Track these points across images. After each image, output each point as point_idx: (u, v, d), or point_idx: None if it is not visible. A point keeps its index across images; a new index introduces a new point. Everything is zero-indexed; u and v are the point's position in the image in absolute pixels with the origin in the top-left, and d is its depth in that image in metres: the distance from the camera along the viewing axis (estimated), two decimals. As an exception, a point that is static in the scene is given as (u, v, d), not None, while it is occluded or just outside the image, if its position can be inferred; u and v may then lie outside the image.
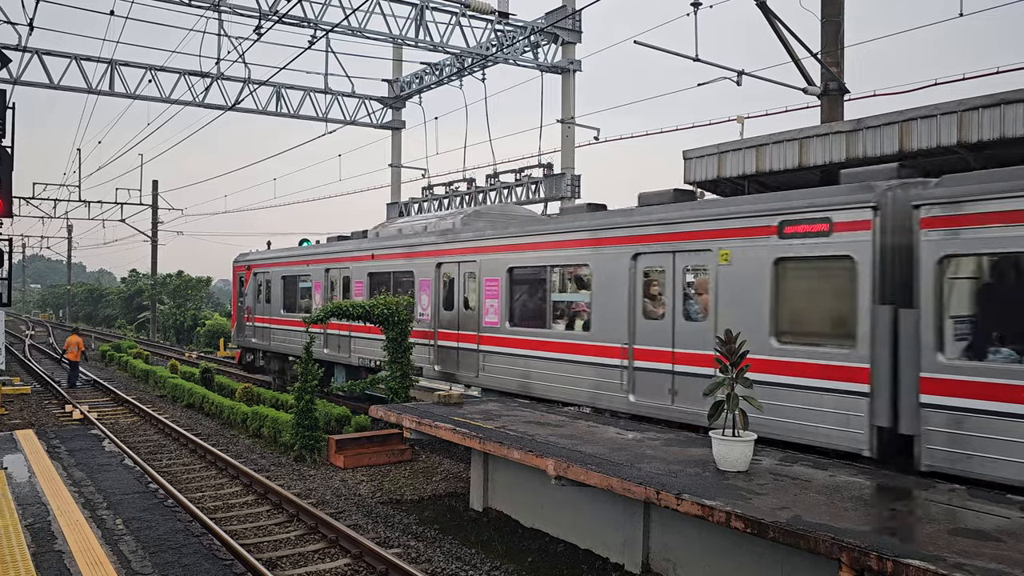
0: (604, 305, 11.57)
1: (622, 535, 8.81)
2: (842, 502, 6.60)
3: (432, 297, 15.52)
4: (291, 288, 21.53)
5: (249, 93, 26.58)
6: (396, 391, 15.31)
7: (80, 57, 24.71)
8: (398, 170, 31.73)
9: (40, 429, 15.88)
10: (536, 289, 13.30)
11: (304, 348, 14.80)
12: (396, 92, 30.36)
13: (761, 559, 7.26)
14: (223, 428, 18.18)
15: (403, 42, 24.02)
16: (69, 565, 7.34)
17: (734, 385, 7.48)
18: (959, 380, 7.46)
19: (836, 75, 14.04)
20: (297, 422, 14.65)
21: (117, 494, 10.40)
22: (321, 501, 11.80)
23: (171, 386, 23.18)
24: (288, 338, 21.22)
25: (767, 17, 14.37)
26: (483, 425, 10.29)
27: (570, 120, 24.33)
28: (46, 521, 8.65)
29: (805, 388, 8.84)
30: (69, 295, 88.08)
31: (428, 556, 9.30)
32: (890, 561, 5.22)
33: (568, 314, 12.84)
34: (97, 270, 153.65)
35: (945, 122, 9.45)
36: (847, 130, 10.56)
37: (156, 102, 26.15)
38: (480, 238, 14.36)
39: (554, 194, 22.88)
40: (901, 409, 8.01)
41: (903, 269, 8.25)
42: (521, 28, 24.43)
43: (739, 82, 15.33)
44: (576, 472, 7.90)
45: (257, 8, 21.12)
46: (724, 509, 6.38)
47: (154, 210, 51.37)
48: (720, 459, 7.72)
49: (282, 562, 9.24)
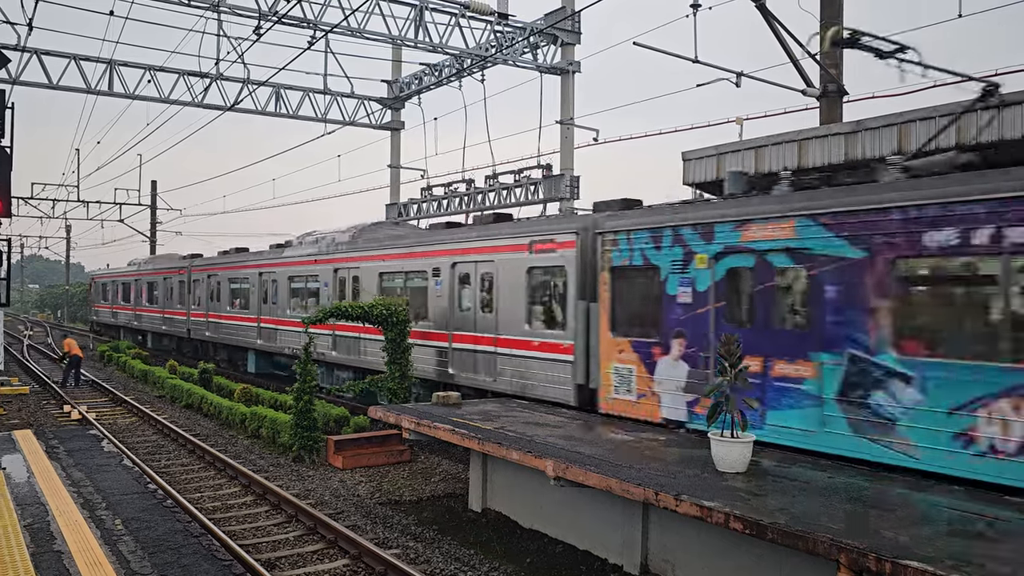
0: (437, 301, 15.77)
1: (621, 536, 8.81)
2: (841, 503, 6.61)
3: (333, 295, 20.01)
4: (233, 288, 26.84)
5: (248, 93, 26.57)
6: (395, 392, 15.32)
7: (79, 57, 24.69)
8: (397, 171, 31.73)
9: (39, 429, 15.86)
10: (398, 289, 17.70)
11: (303, 349, 14.81)
12: (395, 93, 30.37)
13: (760, 560, 7.27)
14: (222, 428, 18.18)
15: (402, 43, 24.02)
16: (68, 565, 7.33)
17: (732, 385, 7.49)
18: (618, 350, 11.05)
19: (835, 77, 14.06)
20: (296, 423, 14.65)
21: (116, 494, 10.39)
22: (320, 502, 11.80)
23: (169, 386, 23.16)
24: (230, 328, 26.98)
25: (766, 19, 14.39)
26: (482, 426, 10.29)
27: (569, 121, 24.35)
28: (45, 521, 8.64)
29: (542, 359, 12.77)
30: (67, 295, 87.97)
31: (427, 557, 9.30)
32: (888, 562, 5.23)
33: (415, 307, 16.60)
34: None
35: (943, 124, 9.48)
36: (846, 132, 10.59)
37: (155, 102, 26.14)
38: (362, 249, 18.99)
39: (553, 195, 22.87)
40: (591, 372, 11.75)
41: (593, 275, 11.76)
42: (520, 29, 24.43)
43: (738, 83, 15.34)
44: (575, 473, 7.91)
45: (256, 8, 21.12)
46: (723, 510, 6.39)
47: (153, 210, 51.37)
48: (719, 460, 7.73)
49: (281, 563, 9.24)
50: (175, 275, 32.21)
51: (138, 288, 37.47)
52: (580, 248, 12.13)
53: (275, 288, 23.32)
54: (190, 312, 30.48)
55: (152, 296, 35.44)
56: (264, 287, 24.10)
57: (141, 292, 37.09)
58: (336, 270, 19.97)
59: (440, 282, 15.70)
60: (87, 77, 24.83)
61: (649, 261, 10.63)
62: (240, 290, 26.06)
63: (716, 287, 9.71)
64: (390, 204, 30.75)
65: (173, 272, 32.49)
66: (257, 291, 24.46)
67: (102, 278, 45.96)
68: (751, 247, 9.25)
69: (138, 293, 37.59)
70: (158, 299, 34.50)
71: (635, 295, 11.00)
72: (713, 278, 9.74)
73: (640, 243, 10.78)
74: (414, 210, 28.13)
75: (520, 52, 24.79)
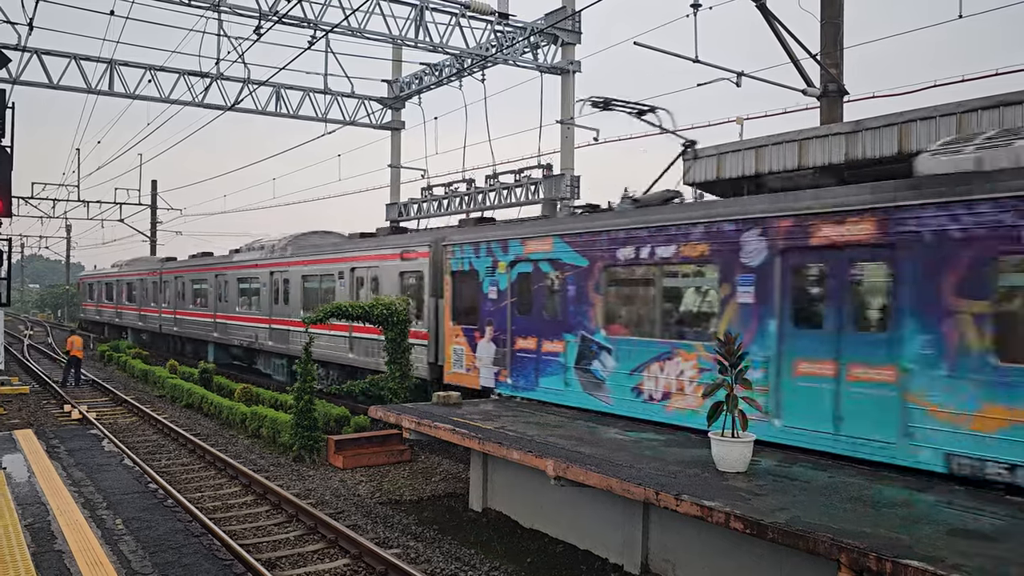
0: (342, 299, 18.82)
1: (621, 535, 8.82)
2: (841, 503, 6.62)
3: (269, 294, 23.87)
4: (195, 288, 30.77)
5: (249, 93, 26.53)
6: (395, 391, 15.31)
7: (80, 57, 24.65)
8: (397, 171, 31.69)
9: (39, 429, 15.87)
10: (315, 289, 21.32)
11: (304, 348, 14.82)
12: (395, 93, 30.35)
13: (760, 560, 7.27)
14: (222, 428, 18.18)
15: (403, 43, 23.98)
16: (69, 565, 7.34)
17: (733, 386, 7.49)
18: (456, 335, 14.22)
19: (835, 76, 14.06)
20: (296, 422, 14.65)
21: (117, 494, 10.39)
22: (320, 501, 11.80)
23: (170, 386, 23.17)
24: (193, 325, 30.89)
25: (767, 18, 14.39)
26: (482, 426, 10.29)
27: (569, 121, 24.32)
28: (46, 521, 8.65)
29: (412, 344, 15.95)
30: (68, 295, 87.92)
31: (427, 556, 9.31)
32: (889, 562, 5.23)
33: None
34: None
35: (944, 124, 9.47)
36: (846, 131, 10.57)
37: (155, 102, 26.06)
38: (291, 256, 22.87)
39: (553, 195, 22.83)
40: (439, 352, 15.66)
41: (440, 278, 15.22)
42: (521, 29, 24.41)
43: (739, 83, 15.33)
44: (575, 472, 7.91)
45: (257, 8, 21.10)
46: (723, 510, 6.39)
47: (153, 210, 51.31)
48: (719, 460, 7.73)
49: (281, 562, 9.25)
50: (149, 276, 36.09)
51: (119, 288, 41.63)
52: (432, 257, 16.10)
53: (227, 288, 27.24)
54: (161, 310, 34.38)
55: (131, 295, 39.39)
56: (219, 288, 27.94)
57: (122, 292, 41.14)
58: (272, 273, 23.83)
59: (344, 283, 19.57)
60: (87, 77, 24.79)
61: (473, 267, 13.79)
62: (200, 290, 30.07)
63: (511, 287, 12.85)
64: (390, 204, 30.72)
65: (147, 274, 36.43)
66: (213, 291, 28.33)
67: (89, 279, 51.01)
68: (530, 257, 12.44)
69: (119, 293, 41.68)
70: (136, 298, 38.42)
71: (466, 293, 14.07)
72: (509, 280, 12.87)
73: (468, 253, 13.94)
74: (414, 210, 28.10)
75: (520, 52, 24.77)
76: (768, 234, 8.78)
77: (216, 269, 28.36)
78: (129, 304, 39.70)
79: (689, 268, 9.94)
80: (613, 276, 10.98)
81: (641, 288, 10.66)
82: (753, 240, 8.94)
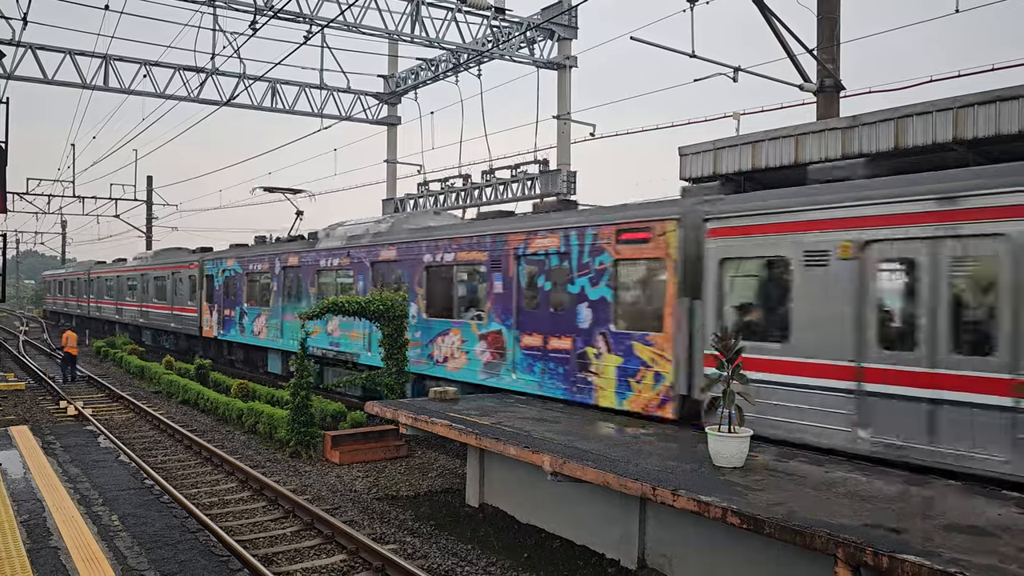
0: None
1: (618, 531, 8.82)
2: (838, 498, 6.62)
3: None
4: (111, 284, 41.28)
5: (244, 88, 26.47)
6: (392, 387, 15.29)
7: (74, 52, 24.55)
8: (394, 166, 31.65)
9: (35, 425, 15.81)
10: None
11: (300, 344, 14.79)
12: (392, 88, 30.28)
13: (757, 555, 7.28)
14: (218, 424, 18.15)
15: (399, 37, 23.95)
16: (65, 561, 7.32)
17: (730, 381, 7.49)
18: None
19: (832, 72, 14.05)
20: (293, 418, 14.63)
21: (112, 490, 10.36)
22: (317, 497, 11.79)
23: (166, 382, 23.12)
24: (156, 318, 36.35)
25: (763, 13, 14.37)
26: (479, 421, 10.29)
27: (566, 116, 24.30)
28: (41, 517, 8.62)
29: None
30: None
31: (424, 552, 9.31)
32: (886, 557, 5.24)
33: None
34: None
35: (940, 119, 9.46)
36: (843, 127, 10.55)
37: (151, 97, 26.02)
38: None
39: (550, 190, 22.81)
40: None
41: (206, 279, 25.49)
42: (517, 24, 24.36)
43: (735, 78, 15.33)
44: (572, 468, 7.91)
45: (252, 3, 21.04)
46: (720, 505, 6.39)
47: (148, 205, 51.17)
48: (716, 455, 7.73)
49: (278, 558, 9.24)
50: (82, 276, 47.14)
51: (67, 285, 52.35)
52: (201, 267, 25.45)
53: (146, 284, 34.40)
54: (89, 300, 45.46)
55: (73, 290, 50.72)
56: (144, 283, 34.70)
57: (71, 288, 51.58)
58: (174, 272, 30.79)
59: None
60: (82, 72, 24.70)
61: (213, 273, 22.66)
62: (115, 286, 39.68)
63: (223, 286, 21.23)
64: (387, 199, 30.68)
65: (80, 275, 47.68)
66: (140, 286, 35.63)
67: (49, 278, 63.62)
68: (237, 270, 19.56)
69: (68, 288, 52.18)
70: (77, 293, 49.49)
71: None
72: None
73: (223, 265, 23.34)
74: (411, 205, 28.07)
75: (517, 47, 24.73)
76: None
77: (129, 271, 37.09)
78: (74, 297, 50.46)
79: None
80: (433, 272, 15.56)
81: (445, 280, 15.43)
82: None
